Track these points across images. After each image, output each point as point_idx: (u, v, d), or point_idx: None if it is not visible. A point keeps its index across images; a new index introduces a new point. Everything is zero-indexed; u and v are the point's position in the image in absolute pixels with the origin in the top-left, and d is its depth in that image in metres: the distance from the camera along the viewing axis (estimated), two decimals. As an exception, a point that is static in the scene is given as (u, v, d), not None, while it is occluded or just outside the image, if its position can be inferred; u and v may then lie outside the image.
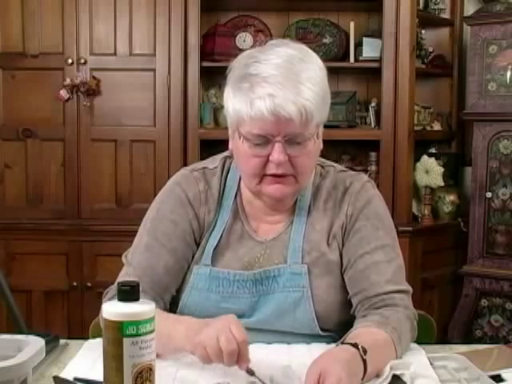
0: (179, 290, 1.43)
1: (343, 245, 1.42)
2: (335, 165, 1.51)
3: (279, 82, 1.27)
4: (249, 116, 1.29)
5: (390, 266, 1.38)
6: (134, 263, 1.42)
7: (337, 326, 1.40)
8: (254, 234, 1.44)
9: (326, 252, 1.40)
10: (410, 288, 1.40)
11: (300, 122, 1.28)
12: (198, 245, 1.43)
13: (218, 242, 1.42)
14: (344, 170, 1.50)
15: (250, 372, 1.14)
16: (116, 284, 1.40)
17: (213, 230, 1.43)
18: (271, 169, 1.32)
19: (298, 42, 1.38)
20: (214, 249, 1.41)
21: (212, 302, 1.39)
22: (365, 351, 1.15)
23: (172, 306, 1.44)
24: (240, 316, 1.38)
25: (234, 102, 1.32)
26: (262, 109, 1.26)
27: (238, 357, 1.13)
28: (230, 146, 1.42)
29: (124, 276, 1.42)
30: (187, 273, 1.43)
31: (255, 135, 1.30)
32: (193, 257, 1.43)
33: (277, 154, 1.30)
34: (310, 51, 1.37)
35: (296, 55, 1.32)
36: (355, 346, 1.16)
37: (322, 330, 1.38)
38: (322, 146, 1.41)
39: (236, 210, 1.45)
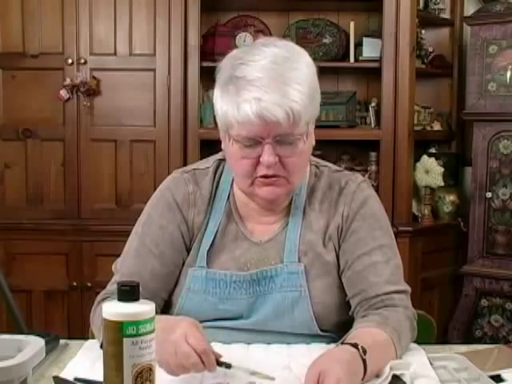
0: (173, 294, 1.43)
1: (339, 246, 1.41)
2: (330, 165, 1.50)
3: (265, 84, 1.25)
4: (236, 120, 1.28)
5: (388, 267, 1.38)
6: (122, 270, 1.42)
7: (335, 327, 1.39)
8: (249, 235, 1.43)
9: (323, 253, 1.40)
10: (408, 288, 1.40)
11: (288, 124, 1.27)
12: (188, 248, 1.43)
13: (212, 243, 1.41)
14: (339, 170, 1.49)
15: (228, 366, 1.14)
16: (102, 293, 1.40)
17: (205, 231, 1.42)
18: (262, 170, 1.31)
19: (285, 40, 1.37)
20: (209, 250, 1.41)
21: (209, 304, 1.38)
22: (364, 351, 1.15)
23: (167, 311, 1.43)
24: (238, 317, 1.39)
25: (222, 105, 1.32)
26: (248, 113, 1.25)
27: (204, 364, 1.12)
28: (222, 147, 1.41)
29: (111, 284, 1.43)
30: (181, 276, 1.42)
31: (244, 137, 1.30)
32: (183, 261, 1.42)
33: (267, 155, 1.29)
34: (298, 48, 1.35)
35: (282, 54, 1.30)
36: (355, 346, 1.16)
37: (320, 330, 1.38)
38: (314, 142, 1.39)
39: (229, 212, 1.44)
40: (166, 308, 1.43)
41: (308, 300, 1.36)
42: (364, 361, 1.14)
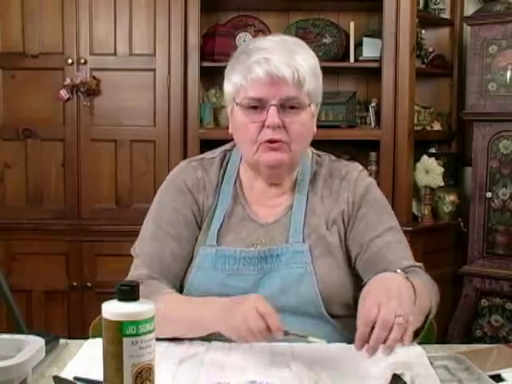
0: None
1: (346, 232, 1.47)
2: (330, 155, 1.59)
3: (275, 50, 1.39)
4: (246, 79, 1.39)
5: (400, 246, 1.46)
6: (143, 254, 1.47)
7: (340, 310, 1.43)
8: (255, 217, 1.49)
9: (326, 235, 1.46)
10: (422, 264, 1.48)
11: (293, 83, 1.37)
12: (200, 228, 1.49)
13: (221, 225, 1.47)
14: (338, 160, 1.57)
15: (285, 333, 1.22)
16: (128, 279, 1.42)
17: (213, 214, 1.48)
18: (267, 134, 1.39)
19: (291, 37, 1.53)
20: (218, 231, 1.46)
21: (218, 279, 1.43)
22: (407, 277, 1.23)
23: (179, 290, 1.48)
24: (244, 293, 1.40)
25: (232, 76, 1.42)
26: (258, 71, 1.37)
27: (269, 329, 1.19)
28: (229, 131, 1.49)
29: (135, 268, 1.47)
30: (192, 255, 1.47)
31: (251, 98, 1.39)
32: (196, 241, 1.48)
33: (271, 117, 1.38)
34: (304, 42, 1.50)
35: (290, 39, 1.46)
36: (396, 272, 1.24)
37: (325, 311, 1.41)
38: (315, 129, 1.49)
39: (236, 195, 1.51)
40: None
41: (313, 276, 1.41)
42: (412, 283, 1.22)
